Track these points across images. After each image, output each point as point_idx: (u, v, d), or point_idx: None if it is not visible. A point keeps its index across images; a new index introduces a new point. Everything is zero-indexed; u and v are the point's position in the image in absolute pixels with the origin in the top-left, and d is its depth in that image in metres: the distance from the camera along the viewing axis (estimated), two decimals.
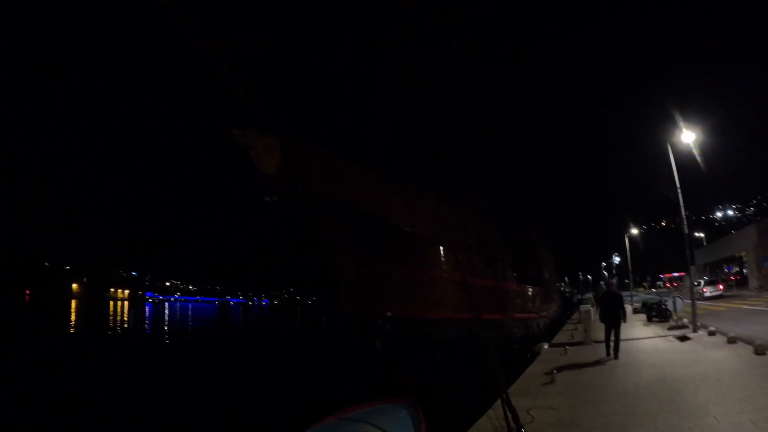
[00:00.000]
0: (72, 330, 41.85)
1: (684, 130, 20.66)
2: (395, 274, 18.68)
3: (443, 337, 18.50)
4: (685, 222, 21.00)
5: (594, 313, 21.66)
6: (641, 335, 21.05)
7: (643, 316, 30.14)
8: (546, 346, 19.28)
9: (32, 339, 31.32)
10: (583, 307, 21.97)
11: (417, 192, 18.97)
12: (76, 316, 62.62)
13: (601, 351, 16.20)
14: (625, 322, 16.29)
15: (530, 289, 29.89)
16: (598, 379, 11.88)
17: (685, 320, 22.58)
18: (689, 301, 22.12)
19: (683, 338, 18.28)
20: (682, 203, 20.42)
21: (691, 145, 20.73)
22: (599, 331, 22.53)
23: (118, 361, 22.40)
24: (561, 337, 22.99)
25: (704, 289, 48.24)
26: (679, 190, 20.51)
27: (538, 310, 30.68)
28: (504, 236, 26.31)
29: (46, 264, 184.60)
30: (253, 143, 15.07)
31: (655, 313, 28.56)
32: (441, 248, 19.78)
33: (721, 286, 51.18)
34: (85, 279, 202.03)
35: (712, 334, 18.10)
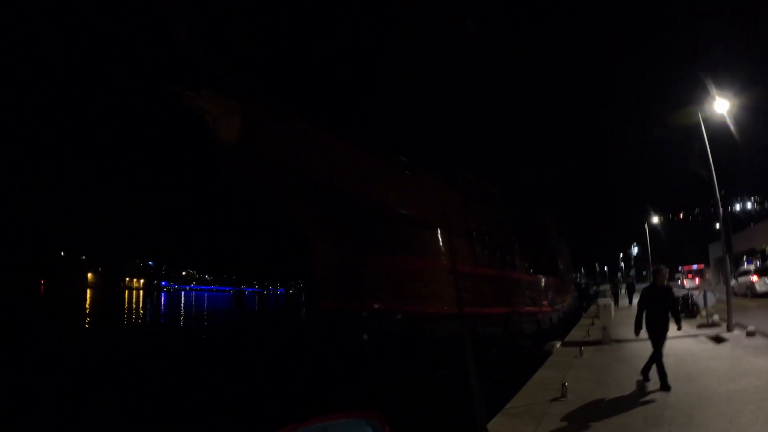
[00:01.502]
0: (84, 320, 41.05)
1: (717, 98, 18.03)
2: (382, 263, 16.45)
3: (438, 333, 16.22)
4: (720, 202, 18.44)
5: (614, 307, 19.07)
6: (668, 334, 18.52)
7: None
8: (558, 345, 16.98)
9: (44, 330, 30.21)
10: (602, 301, 19.32)
11: (407, 168, 16.65)
12: (89, 306, 62.11)
13: (623, 353, 13.87)
14: (680, 329, 10.47)
15: (543, 280, 27.40)
16: (622, 397, 9.45)
17: (716, 317, 19.95)
18: (718, 296, 19.55)
19: (718, 339, 15.71)
20: (716, 182, 17.83)
21: (726, 115, 18.07)
22: (619, 327, 20.16)
23: (114, 355, 20.92)
24: (576, 333, 20.51)
25: (755, 280, 32.11)
26: (713, 168, 17.91)
27: (551, 302, 28.18)
28: (514, 222, 23.90)
29: (62, 254, 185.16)
30: (208, 106, 13.03)
31: (681, 308, 25.84)
32: (438, 233, 17.43)
33: None
34: (100, 269, 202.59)
35: (751, 334, 15.52)
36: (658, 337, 9.87)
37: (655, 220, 57.97)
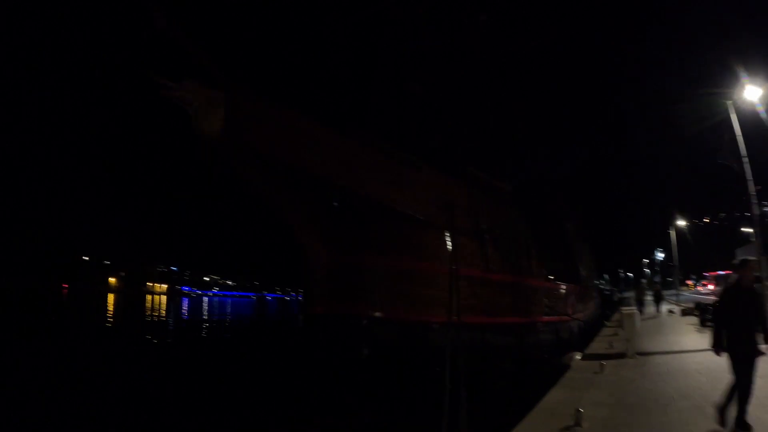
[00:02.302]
0: (105, 323, 41.80)
1: (748, 86, 16.42)
2: (381, 265, 15.08)
3: (443, 344, 14.75)
4: (755, 197, 16.72)
5: (639, 316, 17.33)
6: (699, 346, 16.79)
7: (692, 319, 25.53)
8: (578, 357, 15.42)
9: (65, 333, 30.58)
10: (626, 310, 17.53)
11: (410, 163, 15.27)
12: (110, 309, 63.41)
13: (649, 368, 12.32)
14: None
15: (562, 287, 25.68)
16: (649, 427, 7.86)
17: None
18: None
19: None
20: (749, 173, 16.16)
21: (757, 103, 16.42)
22: (645, 338, 18.45)
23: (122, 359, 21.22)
24: (597, 345, 18.85)
25: None
26: (745, 159, 16.27)
27: (572, 311, 26.40)
28: (530, 224, 22.31)
29: (85, 258, 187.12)
30: (190, 98, 11.91)
31: (711, 316, 23.86)
32: (443, 234, 15.97)
33: None
34: (122, 273, 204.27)
35: None
36: (743, 361, 6.72)
37: (681, 223, 55.27)
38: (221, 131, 12.02)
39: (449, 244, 15.95)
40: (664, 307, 36.15)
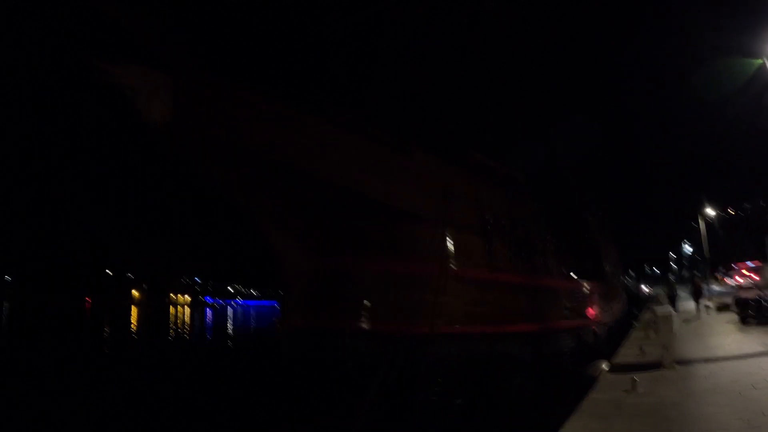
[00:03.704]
0: (129, 336, 42.46)
1: None
2: (366, 269, 13.03)
3: (441, 359, 12.68)
4: None
5: (676, 317, 14.76)
6: (746, 349, 14.31)
7: (730, 316, 22.76)
8: (605, 367, 13.10)
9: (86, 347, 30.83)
10: (660, 310, 14.94)
11: (399, 148, 13.15)
12: (134, 322, 64.36)
13: (695, 383, 10.22)
14: None
15: (585, 286, 23.19)
16: None
17: None
18: None
19: None
20: None
21: None
22: (683, 342, 15.96)
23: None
24: (627, 351, 16.41)
25: None
26: None
27: (597, 313, 23.83)
28: (547, 217, 20.00)
29: (108, 272, 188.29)
30: (136, 83, 10.55)
31: (754, 313, 21.11)
32: (441, 230, 13.82)
33: None
34: (145, 286, 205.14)
35: None
36: None
37: (710, 212, 51.63)
38: (169, 117, 10.58)
39: (445, 242, 13.86)
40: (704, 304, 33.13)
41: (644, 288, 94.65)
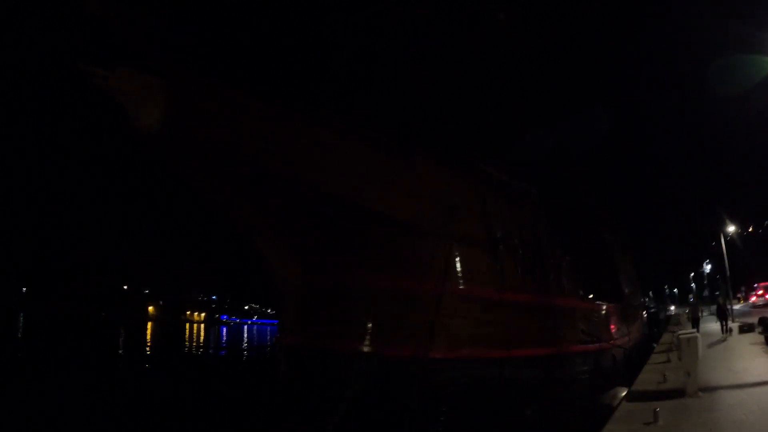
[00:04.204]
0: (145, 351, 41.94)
1: None
2: (365, 285, 12.19)
3: (449, 385, 11.75)
4: None
5: (701, 341, 13.54)
6: None
7: (755, 337, 21.38)
8: (623, 394, 12.11)
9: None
10: (683, 334, 13.69)
11: (399, 155, 12.37)
12: (149, 338, 63.75)
13: (722, 415, 9.16)
14: None
15: (602, 308, 22.02)
16: None
17: None
18: None
19: None
20: None
21: None
22: (707, 366, 14.78)
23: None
24: (647, 377, 15.31)
25: None
26: None
27: (614, 335, 22.59)
28: (563, 233, 19.02)
29: (125, 288, 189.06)
30: (125, 87, 9.99)
31: None
32: (446, 244, 12.95)
33: None
34: (161, 302, 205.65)
35: None
36: None
37: (731, 230, 49.36)
38: (161, 123, 10.00)
39: (451, 258, 12.98)
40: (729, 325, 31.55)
41: (670, 308, 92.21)
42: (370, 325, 12.51)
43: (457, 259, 13.49)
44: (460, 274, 13.48)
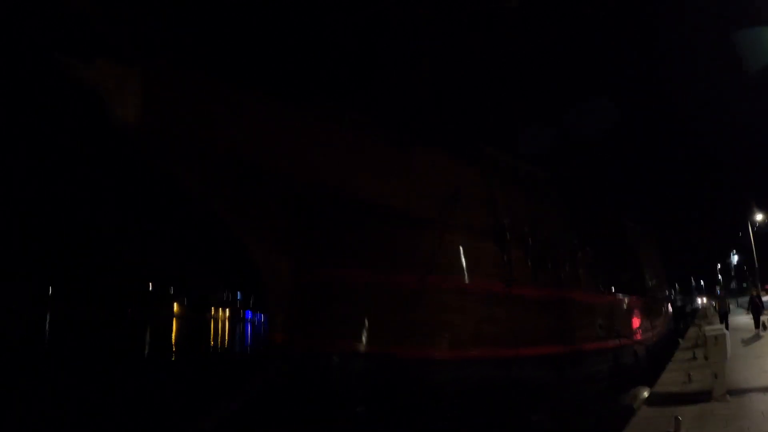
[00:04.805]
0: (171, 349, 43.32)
1: None
2: (358, 280, 11.36)
3: (448, 388, 10.85)
4: None
5: (729, 339, 12.25)
6: None
7: None
8: (645, 395, 11.40)
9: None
10: (710, 330, 12.36)
11: (396, 142, 11.43)
12: (174, 336, 65.26)
13: (753, 420, 8.29)
14: None
15: (624, 302, 20.72)
16: None
17: None
18: None
19: None
20: None
21: None
22: (737, 365, 13.55)
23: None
24: (671, 376, 14.14)
25: None
26: None
27: (636, 331, 21.21)
28: (580, 222, 17.87)
29: (150, 286, 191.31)
30: (103, 79, 9.71)
31: None
32: (448, 235, 12.00)
33: None
34: (186, 300, 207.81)
35: None
36: None
37: (759, 218, 46.78)
38: (139, 115, 9.68)
39: (453, 250, 12.01)
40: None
41: (697, 301, 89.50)
42: (364, 322, 11.65)
43: (460, 250, 12.51)
44: (463, 267, 12.48)
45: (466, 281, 12.52)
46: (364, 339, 11.67)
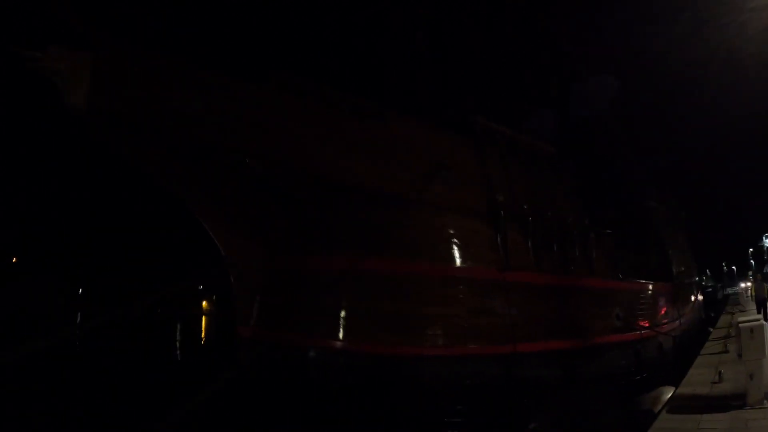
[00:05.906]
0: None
1: None
2: (335, 268, 10.10)
3: (434, 387, 9.51)
4: None
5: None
6: None
7: None
8: (665, 402, 9.99)
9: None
10: (743, 323, 10.37)
11: (367, 113, 9.96)
12: (203, 332, 62.10)
13: None
14: None
15: (647, 288, 18.77)
16: None
17: None
18: None
19: None
20: None
21: None
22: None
23: None
24: (698, 373, 12.34)
25: None
26: None
27: (660, 321, 19.13)
28: (595, 202, 16.18)
29: (179, 283, 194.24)
30: (58, 66, 9.13)
31: None
32: (433, 214, 10.57)
33: None
34: (214, 297, 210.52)
35: None
36: None
37: None
38: (88, 100, 9.02)
39: (438, 232, 10.49)
40: None
41: (729, 287, 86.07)
42: (338, 314, 10.30)
43: (448, 232, 10.94)
44: (451, 251, 10.90)
45: (455, 267, 10.94)
46: (335, 333, 10.30)
